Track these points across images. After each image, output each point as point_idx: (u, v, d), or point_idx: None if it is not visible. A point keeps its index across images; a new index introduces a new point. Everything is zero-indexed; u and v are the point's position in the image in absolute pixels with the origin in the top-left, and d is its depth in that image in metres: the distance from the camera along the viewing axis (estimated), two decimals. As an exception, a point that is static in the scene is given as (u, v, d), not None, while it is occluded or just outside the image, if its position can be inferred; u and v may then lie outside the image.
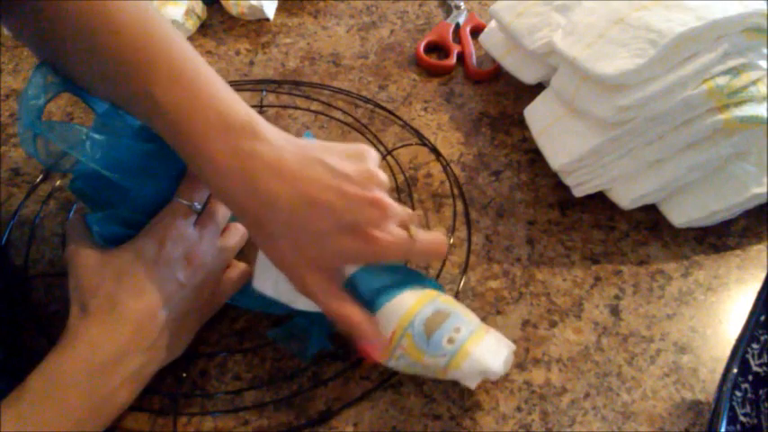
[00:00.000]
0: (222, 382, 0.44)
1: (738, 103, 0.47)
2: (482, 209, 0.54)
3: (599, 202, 0.53)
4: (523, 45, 0.57)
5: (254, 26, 0.71)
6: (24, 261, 0.50)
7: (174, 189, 0.43)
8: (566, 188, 0.53)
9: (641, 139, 0.48)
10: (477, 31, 0.67)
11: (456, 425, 0.42)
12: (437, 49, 0.68)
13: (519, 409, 0.42)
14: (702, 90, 0.46)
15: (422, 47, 0.66)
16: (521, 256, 0.51)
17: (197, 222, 0.42)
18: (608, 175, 0.51)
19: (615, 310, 0.48)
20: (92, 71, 0.40)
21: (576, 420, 0.42)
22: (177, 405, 0.42)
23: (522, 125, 0.58)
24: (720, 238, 0.52)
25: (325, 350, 0.44)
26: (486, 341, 0.40)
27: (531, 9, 0.57)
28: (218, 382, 0.44)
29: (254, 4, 0.69)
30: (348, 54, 0.68)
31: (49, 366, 0.36)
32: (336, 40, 0.69)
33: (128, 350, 0.38)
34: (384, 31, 0.70)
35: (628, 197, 0.51)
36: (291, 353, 0.45)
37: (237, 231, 0.46)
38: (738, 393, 0.35)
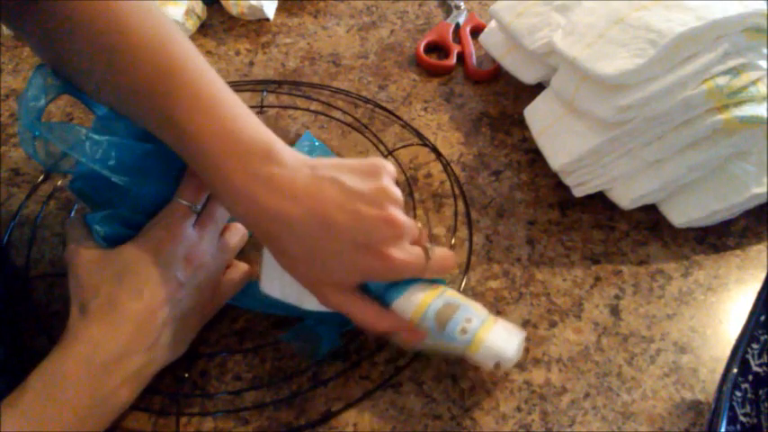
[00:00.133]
0: (222, 382, 0.44)
1: (738, 103, 0.47)
2: (482, 209, 0.54)
3: (599, 202, 0.53)
4: (523, 45, 0.57)
5: (254, 26, 0.71)
6: (25, 261, 0.50)
7: (174, 189, 0.43)
8: (566, 188, 0.53)
9: (641, 139, 0.49)
10: (477, 31, 0.67)
11: (456, 425, 0.42)
12: (437, 49, 0.68)
13: (519, 409, 0.43)
14: (702, 90, 0.46)
15: (422, 47, 0.66)
16: (521, 256, 0.51)
17: (197, 222, 0.42)
18: (608, 175, 0.51)
19: (615, 310, 0.48)
20: (106, 85, 0.41)
21: (576, 420, 0.42)
22: (180, 405, 0.42)
23: (522, 125, 0.58)
24: (720, 238, 0.52)
25: (336, 347, 0.45)
26: (497, 330, 0.40)
27: (531, 9, 0.57)
28: (218, 383, 0.44)
29: (254, 4, 0.69)
30: (348, 54, 0.68)
31: (49, 366, 0.37)
32: (336, 40, 0.69)
33: (128, 350, 0.38)
34: (384, 31, 0.70)
35: (628, 197, 0.51)
36: (304, 354, 0.45)
37: (237, 231, 0.46)
38: (738, 393, 0.35)
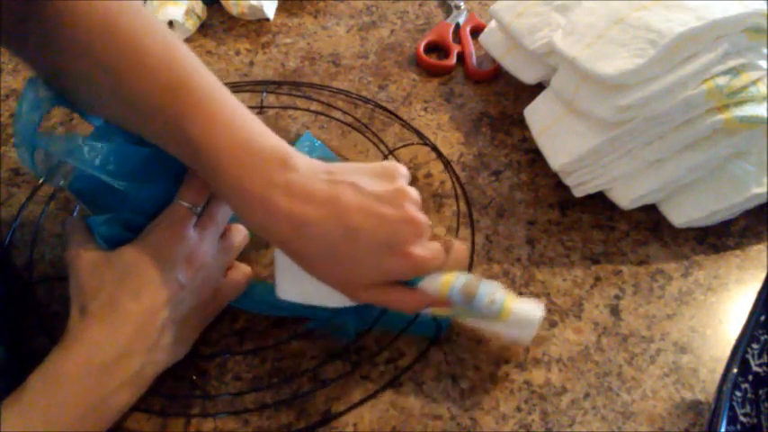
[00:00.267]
0: (222, 382, 0.44)
1: (738, 103, 0.47)
2: (482, 209, 0.54)
3: (599, 202, 0.53)
4: (523, 45, 0.57)
5: (254, 26, 0.71)
6: (27, 262, 0.50)
7: (175, 191, 0.43)
8: (566, 188, 0.53)
9: (641, 139, 0.49)
10: (477, 31, 0.67)
11: (456, 425, 0.42)
12: (437, 49, 0.68)
13: (519, 409, 0.43)
14: (702, 90, 0.46)
15: (422, 47, 0.66)
16: (521, 256, 0.51)
17: (197, 224, 0.42)
18: (608, 175, 0.51)
19: (615, 310, 0.48)
20: (112, 103, 0.41)
21: (576, 420, 0.42)
22: (180, 406, 0.42)
23: (522, 125, 0.58)
24: (720, 238, 0.52)
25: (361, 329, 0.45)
26: (521, 300, 0.42)
27: (531, 9, 0.57)
28: (218, 383, 0.44)
29: (254, 4, 0.69)
30: (348, 54, 0.68)
31: (49, 367, 0.37)
32: (336, 40, 0.69)
33: (128, 351, 0.38)
34: (384, 31, 0.70)
35: (628, 197, 0.51)
36: (338, 334, 0.45)
37: (239, 232, 0.46)
38: (738, 393, 0.35)
